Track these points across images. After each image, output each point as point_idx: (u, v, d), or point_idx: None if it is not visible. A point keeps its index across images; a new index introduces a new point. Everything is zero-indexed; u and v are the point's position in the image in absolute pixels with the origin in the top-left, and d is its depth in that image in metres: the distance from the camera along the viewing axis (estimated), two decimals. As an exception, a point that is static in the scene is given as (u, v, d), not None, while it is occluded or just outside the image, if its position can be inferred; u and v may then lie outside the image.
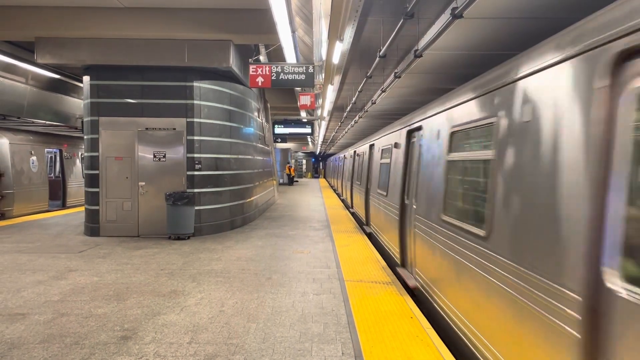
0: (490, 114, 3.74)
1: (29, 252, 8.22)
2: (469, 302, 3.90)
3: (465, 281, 4.00)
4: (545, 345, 2.65)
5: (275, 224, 12.09)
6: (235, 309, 5.12)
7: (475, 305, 3.74)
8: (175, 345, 4.12)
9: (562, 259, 2.52)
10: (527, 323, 2.86)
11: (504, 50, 7.28)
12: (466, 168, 4.29)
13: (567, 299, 2.44)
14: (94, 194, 9.89)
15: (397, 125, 8.37)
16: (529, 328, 2.84)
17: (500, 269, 3.28)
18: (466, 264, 3.99)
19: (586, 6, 5.27)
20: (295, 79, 9.51)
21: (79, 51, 9.18)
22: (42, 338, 4.26)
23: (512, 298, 3.07)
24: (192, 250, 8.45)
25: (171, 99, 9.84)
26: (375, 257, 7.91)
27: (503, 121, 3.45)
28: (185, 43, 9.18)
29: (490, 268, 3.45)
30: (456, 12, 4.97)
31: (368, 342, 4.18)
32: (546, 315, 2.64)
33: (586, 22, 2.58)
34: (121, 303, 5.33)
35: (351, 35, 7.56)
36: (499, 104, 3.55)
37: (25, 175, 14.98)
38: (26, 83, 12.05)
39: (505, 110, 3.43)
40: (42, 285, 6.04)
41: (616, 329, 2.13)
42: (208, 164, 10.21)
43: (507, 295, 3.15)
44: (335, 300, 5.47)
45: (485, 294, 3.54)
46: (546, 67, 2.87)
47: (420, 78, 9.93)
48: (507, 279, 3.15)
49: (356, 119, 18.52)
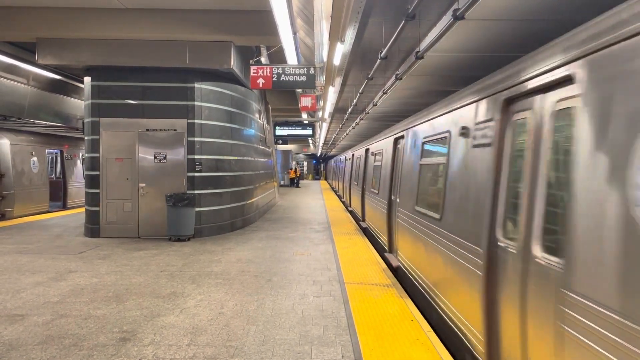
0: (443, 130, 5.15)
1: (28, 253, 8.20)
2: (428, 264, 5.37)
3: (427, 251, 5.43)
4: (464, 280, 4.10)
5: (276, 226, 12.06)
6: (234, 311, 5.10)
7: (431, 266, 5.22)
8: (175, 347, 4.10)
9: (476, 230, 3.86)
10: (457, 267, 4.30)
11: (505, 52, 7.25)
12: (433, 170, 5.59)
13: (477, 252, 3.80)
14: (94, 195, 9.88)
15: (387, 133, 9.65)
16: (458, 269, 4.27)
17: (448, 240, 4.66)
18: (428, 240, 5.42)
19: (588, 7, 5.25)
20: (296, 80, 9.50)
21: (80, 52, 9.17)
22: (41, 339, 4.24)
23: (451, 255, 4.49)
24: (192, 251, 8.43)
25: (172, 100, 9.83)
26: (376, 259, 7.88)
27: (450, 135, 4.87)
28: (186, 44, 9.17)
29: (442, 241, 4.84)
30: (458, 13, 4.96)
31: (368, 345, 4.15)
32: (464, 262, 4.11)
33: (486, 79, 4.09)
34: (120, 304, 5.31)
35: (352, 37, 7.54)
36: (449, 122, 4.96)
37: (26, 176, 14.98)
38: (27, 84, 12.04)
39: (451, 127, 4.83)
40: (41, 287, 6.02)
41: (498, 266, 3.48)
42: (209, 166, 10.19)
43: (449, 255, 4.55)
44: (335, 302, 5.44)
45: (439, 257, 4.90)
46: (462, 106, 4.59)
47: (422, 80, 9.90)
48: (450, 245, 4.55)
49: (357, 121, 18.51)
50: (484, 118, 3.93)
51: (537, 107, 3.08)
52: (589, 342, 2.28)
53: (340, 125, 23.48)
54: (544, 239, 2.89)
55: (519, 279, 3.09)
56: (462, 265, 4.14)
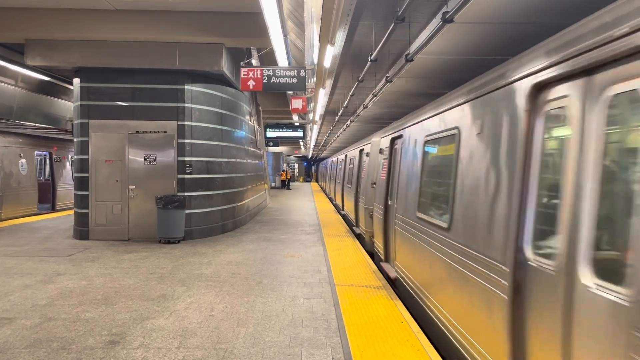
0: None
1: (17, 255, 8.12)
2: (434, 281, 4.72)
3: (432, 265, 4.79)
4: (481, 303, 3.42)
5: (267, 228, 12.05)
6: (224, 314, 5.09)
7: (438, 282, 4.56)
8: (164, 350, 4.08)
9: (497, 242, 3.22)
10: (472, 286, 3.63)
11: (494, 55, 7.32)
12: (437, 172, 5.08)
13: (499, 270, 3.13)
14: (83, 197, 9.80)
15: (383, 132, 8.95)
16: (473, 289, 3.60)
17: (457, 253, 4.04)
18: (433, 252, 4.77)
19: (575, 11, 5.31)
20: (287, 82, 9.51)
21: (70, 53, 9.12)
22: (29, 343, 4.20)
23: (464, 272, 3.82)
24: (183, 254, 8.40)
25: (162, 102, 9.79)
26: (367, 261, 7.90)
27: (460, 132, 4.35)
28: (176, 46, 9.14)
29: (451, 254, 4.18)
30: (447, 16, 4.99)
31: (358, 347, 4.16)
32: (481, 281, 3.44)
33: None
34: (109, 307, 5.28)
35: (342, 39, 7.56)
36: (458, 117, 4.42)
37: (14, 178, 14.84)
38: (16, 85, 11.93)
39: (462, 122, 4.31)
40: (29, 289, 5.97)
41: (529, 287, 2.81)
42: (199, 167, 10.16)
43: (461, 271, 3.88)
44: (326, 304, 5.45)
45: (447, 273, 4.26)
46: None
47: (412, 82, 9.95)
48: (462, 260, 3.88)
49: (348, 123, 18.53)
50: (507, 108, 3.26)
51: (583, 91, 2.44)
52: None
53: (331, 127, 23.50)
54: (597, 259, 2.23)
55: (560, 309, 2.42)
56: (479, 285, 3.48)
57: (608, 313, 2.04)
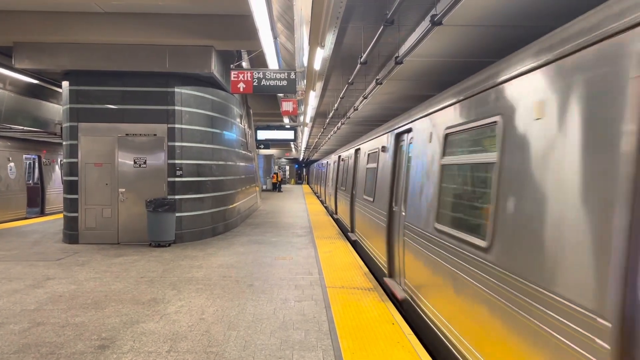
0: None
1: (5, 260, 8.04)
2: (467, 318, 3.58)
3: (464, 295, 3.67)
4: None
5: (258, 231, 12.03)
6: (215, 317, 5.08)
7: (474, 321, 3.43)
8: (154, 354, 4.06)
9: (585, 276, 2.16)
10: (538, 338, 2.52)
11: (482, 58, 7.39)
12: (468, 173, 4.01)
13: (591, 324, 2.12)
14: (72, 201, 9.73)
15: (384, 129, 8.08)
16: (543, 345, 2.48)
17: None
18: (465, 278, 3.65)
19: (564, 15, 5.38)
20: (277, 85, 9.53)
21: (58, 56, 9.06)
22: (17, 348, 4.17)
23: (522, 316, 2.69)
24: (173, 257, 8.36)
25: (152, 105, 9.74)
26: (358, 263, 7.92)
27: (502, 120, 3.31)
28: (166, 49, 9.11)
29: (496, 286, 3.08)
30: (435, 19, 5.03)
31: (349, 349, 4.17)
32: (563, 339, 2.31)
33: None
34: (99, 311, 5.24)
35: (332, 42, 7.59)
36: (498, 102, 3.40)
37: (2, 182, 14.70)
38: (4, 88, 11.83)
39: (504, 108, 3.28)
40: (18, 294, 5.91)
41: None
42: (189, 170, 10.13)
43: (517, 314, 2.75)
44: (317, 307, 5.46)
45: (491, 311, 3.14)
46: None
47: (402, 85, 10.01)
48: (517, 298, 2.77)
49: (339, 125, 18.58)
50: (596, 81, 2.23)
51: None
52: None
53: (322, 129, 23.54)
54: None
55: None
56: (545, 340, 2.45)
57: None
